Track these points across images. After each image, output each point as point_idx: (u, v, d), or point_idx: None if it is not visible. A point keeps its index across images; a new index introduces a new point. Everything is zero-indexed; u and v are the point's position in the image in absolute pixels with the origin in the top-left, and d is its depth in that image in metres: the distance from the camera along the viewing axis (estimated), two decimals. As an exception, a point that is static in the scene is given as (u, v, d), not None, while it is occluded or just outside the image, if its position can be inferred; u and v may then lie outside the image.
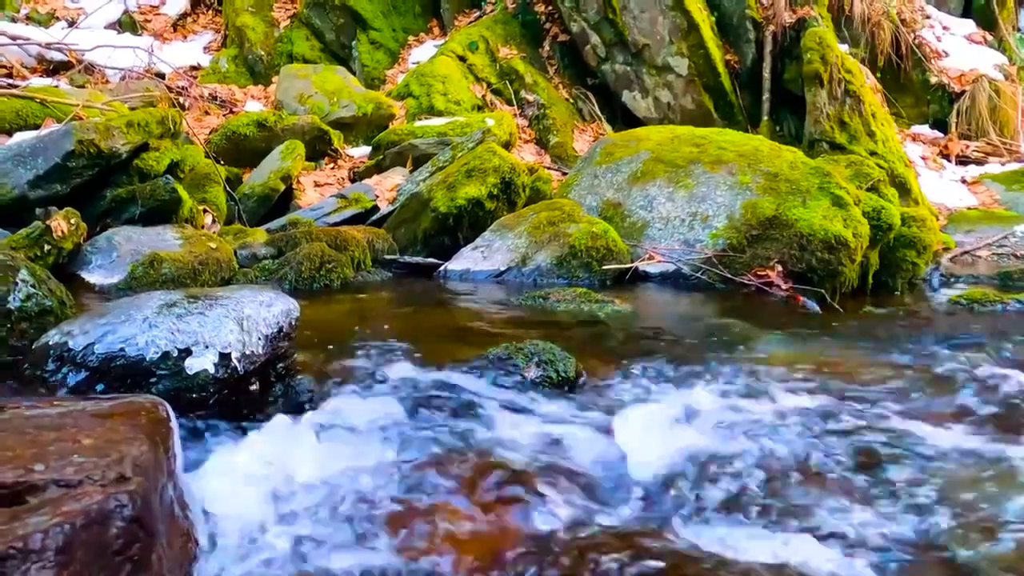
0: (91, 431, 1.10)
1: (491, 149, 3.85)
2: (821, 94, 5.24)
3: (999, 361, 2.05)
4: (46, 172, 2.99)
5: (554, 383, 1.73)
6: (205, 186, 3.71)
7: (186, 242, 2.91)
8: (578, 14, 6.06)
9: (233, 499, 1.23)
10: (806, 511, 1.29)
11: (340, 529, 1.19)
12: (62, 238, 2.62)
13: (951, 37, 6.72)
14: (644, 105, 6.04)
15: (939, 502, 1.31)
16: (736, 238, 3.26)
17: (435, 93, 5.68)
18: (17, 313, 1.65)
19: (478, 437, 1.47)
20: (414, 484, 1.29)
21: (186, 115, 4.52)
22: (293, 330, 1.67)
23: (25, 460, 0.98)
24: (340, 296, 2.79)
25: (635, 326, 2.41)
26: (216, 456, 1.33)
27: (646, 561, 1.12)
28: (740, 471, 1.41)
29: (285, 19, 6.72)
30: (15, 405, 1.24)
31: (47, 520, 0.87)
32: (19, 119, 3.73)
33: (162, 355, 1.41)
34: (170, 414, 1.23)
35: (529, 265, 3.23)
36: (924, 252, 3.73)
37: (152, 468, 1.05)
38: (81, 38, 5.66)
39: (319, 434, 1.43)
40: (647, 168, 3.68)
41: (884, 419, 1.63)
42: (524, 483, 1.30)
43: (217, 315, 1.51)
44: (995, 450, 1.51)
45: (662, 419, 1.60)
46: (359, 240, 3.31)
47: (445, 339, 2.15)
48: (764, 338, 2.28)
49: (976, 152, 6.02)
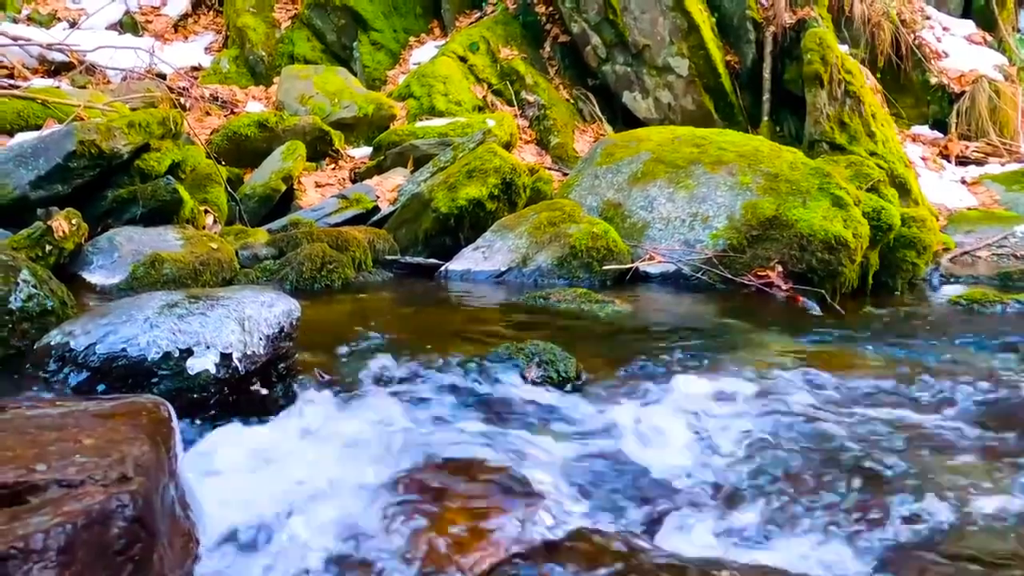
0: (92, 431, 1.10)
1: (492, 150, 3.86)
2: (821, 95, 5.24)
3: (998, 361, 2.06)
4: (47, 172, 3.00)
5: (555, 383, 1.73)
6: (206, 186, 3.72)
7: (187, 242, 2.92)
8: (579, 15, 6.06)
9: (234, 499, 1.23)
10: (805, 510, 1.29)
11: (341, 528, 1.19)
12: (63, 238, 2.62)
13: (951, 38, 6.72)
14: (644, 106, 6.04)
15: (937, 499, 1.31)
16: (736, 238, 3.27)
17: (436, 94, 5.68)
18: (19, 313, 1.65)
19: (480, 437, 1.47)
20: (416, 483, 1.29)
21: (187, 116, 4.51)
22: (294, 330, 1.67)
23: (27, 460, 0.99)
24: (341, 296, 2.80)
25: (636, 326, 2.41)
26: (217, 456, 1.33)
27: (648, 560, 1.12)
28: (741, 470, 1.41)
29: (286, 20, 6.72)
30: (17, 405, 1.24)
31: (49, 520, 0.87)
32: (20, 120, 3.75)
33: (163, 355, 1.41)
34: (171, 414, 1.23)
35: (530, 265, 3.24)
36: (924, 252, 3.74)
37: (153, 468, 1.05)
38: (82, 39, 5.66)
39: (320, 434, 1.43)
40: (648, 169, 3.69)
41: (884, 419, 1.64)
42: (524, 483, 1.30)
43: (218, 315, 1.51)
44: (993, 446, 1.52)
45: (662, 419, 1.60)
46: (360, 241, 3.32)
47: (446, 339, 2.15)
48: (764, 338, 2.28)
49: (976, 153, 6.02)
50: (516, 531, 1.19)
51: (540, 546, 1.16)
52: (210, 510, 1.19)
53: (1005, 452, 1.50)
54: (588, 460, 1.44)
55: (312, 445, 1.40)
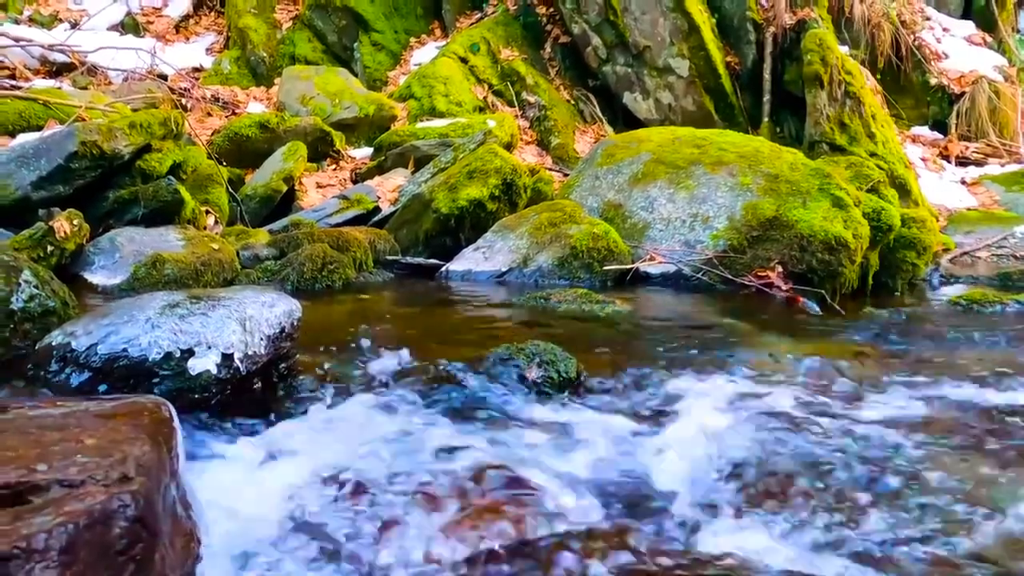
0: (94, 431, 1.10)
1: (492, 150, 3.87)
2: (821, 95, 5.25)
3: (996, 362, 2.07)
4: (49, 173, 3.00)
5: (555, 383, 1.73)
6: (207, 187, 3.72)
7: (188, 243, 2.92)
8: (579, 16, 6.07)
9: (236, 499, 1.23)
10: (804, 509, 1.29)
11: (343, 528, 1.19)
12: (65, 239, 2.62)
13: (951, 39, 6.72)
14: (645, 106, 6.05)
15: (934, 497, 1.33)
16: (737, 239, 3.28)
17: (437, 95, 5.68)
18: (20, 314, 1.65)
19: (481, 437, 1.47)
20: (416, 483, 1.29)
21: (188, 116, 4.51)
22: (295, 331, 1.68)
23: (28, 460, 0.99)
24: (342, 297, 2.80)
25: (636, 327, 2.42)
26: (219, 456, 1.33)
27: (648, 560, 1.13)
28: (742, 469, 1.41)
29: (287, 21, 6.73)
30: (18, 405, 1.24)
31: (50, 520, 0.87)
32: (22, 120, 3.74)
33: (165, 355, 1.41)
34: (173, 414, 1.23)
35: (530, 266, 3.24)
36: (924, 253, 3.75)
37: (155, 468, 1.05)
38: (84, 40, 5.66)
39: (321, 433, 1.44)
40: (648, 169, 3.69)
41: (884, 418, 1.64)
42: (524, 483, 1.30)
43: (220, 316, 1.51)
44: (990, 445, 1.52)
45: (663, 419, 1.60)
46: (361, 241, 3.32)
47: (447, 339, 2.16)
48: (764, 339, 2.29)
49: (976, 153, 6.02)
50: (512, 528, 1.19)
51: (535, 544, 1.16)
52: (211, 510, 1.18)
53: (1002, 447, 1.51)
54: (588, 460, 1.44)
55: (313, 444, 1.40)
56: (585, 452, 1.47)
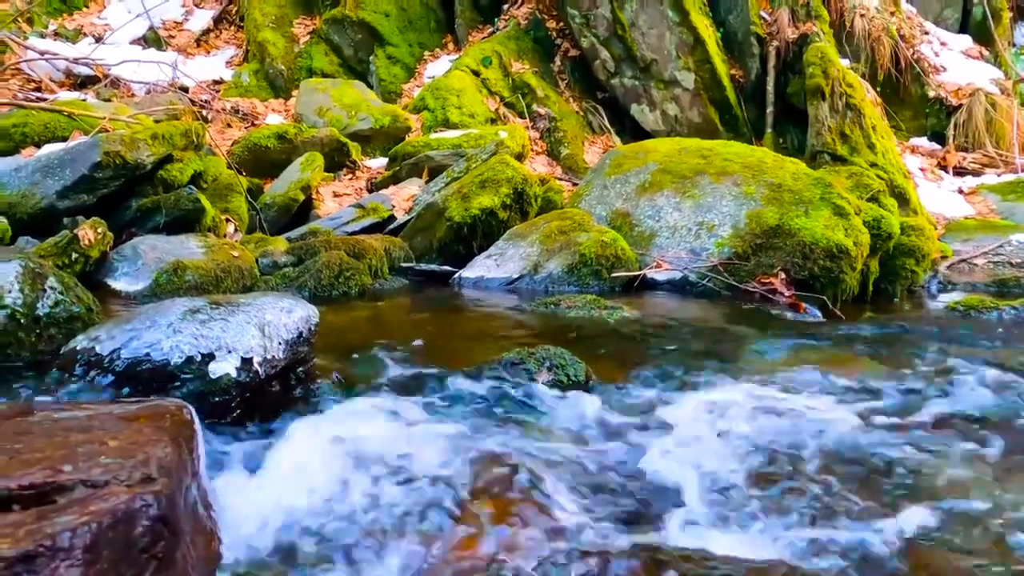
0: (117, 433, 1.11)
1: (504, 161, 3.89)
2: (823, 107, 5.26)
3: (993, 364, 2.08)
4: (73, 183, 3.03)
5: (565, 387, 1.75)
6: (227, 196, 3.76)
7: (209, 250, 2.94)
8: (588, 30, 6.11)
9: (256, 499, 1.24)
10: (806, 510, 1.31)
11: (359, 530, 1.20)
12: (89, 246, 2.65)
13: (949, 52, 6.73)
14: (652, 118, 6.08)
15: (935, 497, 1.35)
16: (741, 247, 3.30)
17: (450, 106, 5.70)
18: (46, 319, 1.68)
19: (490, 439, 1.48)
20: (430, 485, 1.30)
21: (209, 128, 4.53)
22: (312, 335, 1.70)
23: (54, 461, 0.99)
24: (358, 303, 2.82)
25: (643, 332, 2.43)
26: (239, 457, 1.35)
27: (648, 560, 1.14)
28: (748, 471, 1.42)
29: (305, 35, 6.74)
30: (45, 408, 1.25)
31: (75, 519, 0.88)
32: (47, 132, 3.71)
33: (186, 360, 1.43)
34: (194, 417, 1.24)
35: (541, 273, 3.26)
36: (923, 260, 3.76)
37: (176, 469, 1.05)
38: (107, 53, 5.70)
39: (337, 436, 1.44)
40: (655, 179, 3.71)
41: (885, 419, 1.67)
42: (534, 484, 1.32)
43: (239, 321, 1.53)
44: (988, 444, 1.56)
45: (670, 422, 1.62)
46: (376, 249, 3.34)
47: (459, 344, 2.19)
48: (768, 343, 2.30)
49: (973, 163, 6.02)
50: (521, 527, 1.20)
51: (542, 542, 1.17)
52: (232, 510, 1.20)
53: (1000, 446, 1.53)
54: (595, 462, 1.44)
55: (330, 446, 1.40)
56: (593, 454, 1.48)
